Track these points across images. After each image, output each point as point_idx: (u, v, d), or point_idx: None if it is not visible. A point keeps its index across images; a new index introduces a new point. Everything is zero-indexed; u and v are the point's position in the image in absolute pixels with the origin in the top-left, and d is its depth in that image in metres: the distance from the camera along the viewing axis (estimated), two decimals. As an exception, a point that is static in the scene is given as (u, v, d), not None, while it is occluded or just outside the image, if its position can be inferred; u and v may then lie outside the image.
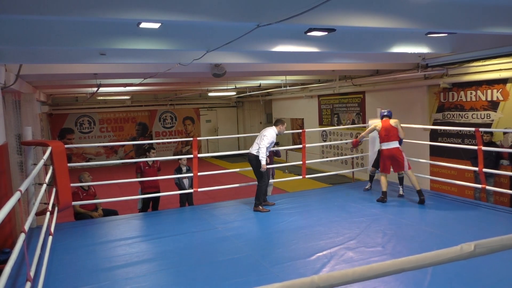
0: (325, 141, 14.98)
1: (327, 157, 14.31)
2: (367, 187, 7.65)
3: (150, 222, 6.28)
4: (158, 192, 7.53)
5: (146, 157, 7.73)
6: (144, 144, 19.45)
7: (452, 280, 3.68)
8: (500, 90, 8.30)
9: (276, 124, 6.64)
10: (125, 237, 5.65)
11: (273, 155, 8.01)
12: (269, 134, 6.44)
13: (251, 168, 7.75)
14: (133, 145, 19.11)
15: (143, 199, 7.58)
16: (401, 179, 7.17)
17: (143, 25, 4.35)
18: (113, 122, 19.86)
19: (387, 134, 6.69)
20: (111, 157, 19.44)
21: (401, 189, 7.13)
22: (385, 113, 6.98)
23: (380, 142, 6.84)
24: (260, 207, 6.45)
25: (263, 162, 6.33)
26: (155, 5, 3.89)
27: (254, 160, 6.48)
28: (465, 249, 1.49)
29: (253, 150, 6.51)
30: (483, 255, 1.56)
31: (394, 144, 6.67)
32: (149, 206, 7.77)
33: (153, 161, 7.70)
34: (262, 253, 4.67)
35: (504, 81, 8.18)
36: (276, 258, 4.49)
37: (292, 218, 6.00)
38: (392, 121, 6.77)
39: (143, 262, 4.65)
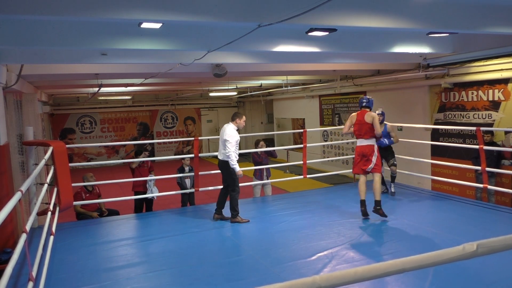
0: (326, 141, 14.97)
1: (328, 157, 14.30)
2: (383, 190, 7.05)
3: (151, 222, 6.29)
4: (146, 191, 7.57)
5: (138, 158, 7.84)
6: (145, 144, 19.50)
7: (453, 279, 3.68)
8: (502, 90, 8.29)
9: (233, 119, 5.97)
10: (126, 237, 5.66)
11: (268, 156, 7.95)
12: (231, 137, 5.77)
13: (252, 167, 7.75)
14: (134, 145, 19.13)
15: (136, 199, 7.59)
16: (393, 178, 7.12)
17: (144, 25, 4.35)
18: (114, 122, 19.88)
19: (359, 129, 5.92)
20: (112, 157, 19.48)
21: (392, 186, 7.09)
22: (364, 103, 6.02)
23: (355, 137, 6.11)
24: (239, 218, 5.92)
25: (237, 168, 5.81)
26: (156, 5, 3.89)
27: (224, 167, 5.94)
28: (467, 249, 1.49)
29: (222, 157, 5.97)
30: (485, 255, 1.56)
31: (367, 142, 5.87)
32: (143, 206, 7.77)
33: (143, 161, 7.76)
34: (263, 253, 4.67)
35: (505, 81, 8.17)
36: (277, 258, 4.49)
37: (293, 218, 6.00)
38: (369, 115, 5.86)
39: (144, 262, 4.66)
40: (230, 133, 5.83)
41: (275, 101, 18.95)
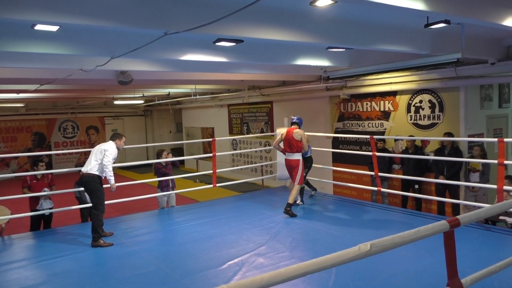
0: (235, 149, 15.16)
1: (237, 166, 14.49)
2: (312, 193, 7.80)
3: (48, 241, 5.76)
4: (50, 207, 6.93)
5: (34, 171, 7.05)
6: (41, 156, 17.90)
7: (354, 277, 3.94)
8: (391, 101, 9.17)
9: (113, 139, 5.68)
10: (19, 259, 5.11)
11: (171, 166, 7.69)
12: (111, 148, 5.50)
13: (160, 178, 7.48)
14: (28, 157, 17.47)
15: (32, 216, 6.90)
16: (307, 183, 7.53)
17: (39, 27, 4.03)
18: (5, 132, 18.03)
19: (289, 145, 6.55)
20: (1, 170, 17.58)
21: (299, 197, 7.18)
22: (294, 120, 6.72)
23: (283, 152, 6.73)
24: (101, 241, 5.34)
25: (112, 181, 5.44)
26: (53, 6, 3.62)
27: (91, 181, 5.42)
28: (362, 249, 1.61)
29: (89, 169, 5.42)
30: (379, 253, 1.70)
31: (293, 156, 6.53)
32: (40, 223, 7.10)
33: (42, 174, 7.07)
34: (172, 266, 4.56)
35: (394, 93, 9.07)
36: (186, 270, 4.41)
37: (203, 228, 5.95)
38: (297, 134, 6.50)
39: (40, 284, 4.24)
40: (112, 146, 5.56)
41: (184, 110, 18.74)
